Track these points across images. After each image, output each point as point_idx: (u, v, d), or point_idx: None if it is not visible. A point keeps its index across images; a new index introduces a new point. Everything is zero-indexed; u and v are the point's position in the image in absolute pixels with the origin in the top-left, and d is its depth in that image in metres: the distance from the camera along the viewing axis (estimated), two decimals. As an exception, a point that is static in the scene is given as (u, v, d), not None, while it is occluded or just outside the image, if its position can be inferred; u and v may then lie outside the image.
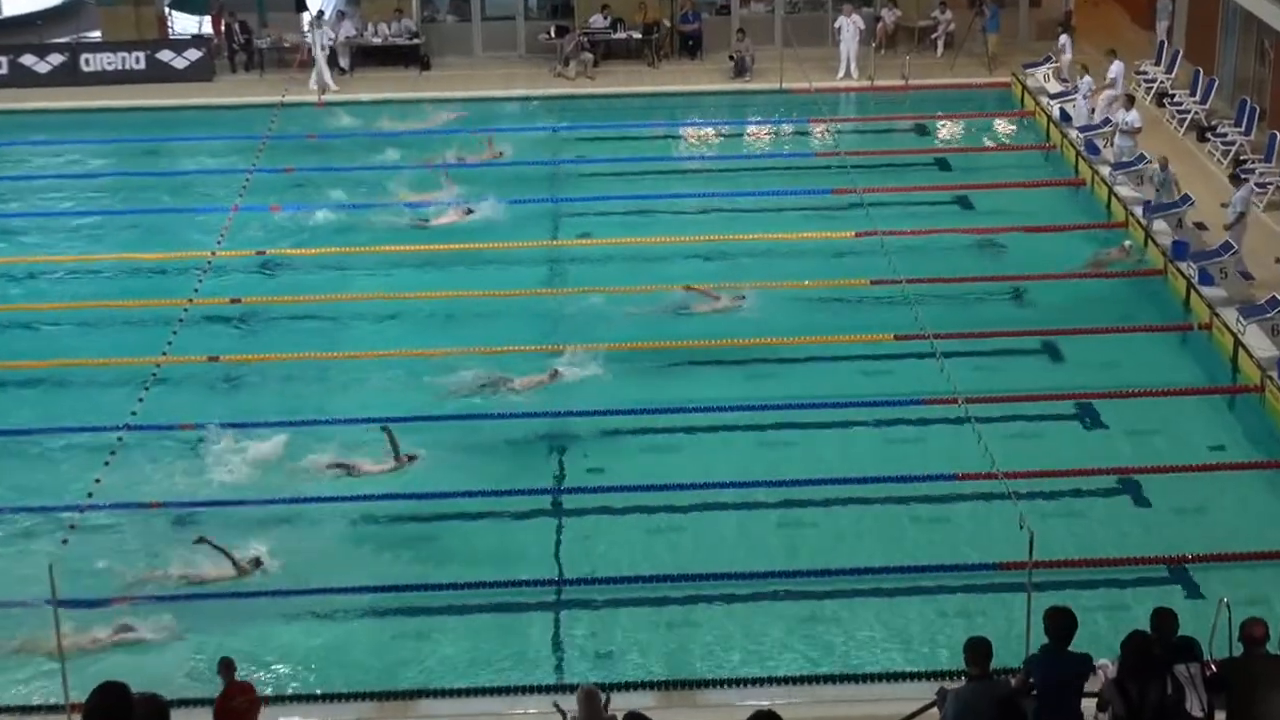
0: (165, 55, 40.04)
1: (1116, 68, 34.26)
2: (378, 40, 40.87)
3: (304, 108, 37.17)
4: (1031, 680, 13.94)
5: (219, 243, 27.62)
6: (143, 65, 39.91)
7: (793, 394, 23.63)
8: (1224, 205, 27.91)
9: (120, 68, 39.97)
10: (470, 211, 30.57)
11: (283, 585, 19.15)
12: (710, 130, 37.11)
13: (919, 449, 22.30)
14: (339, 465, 21.74)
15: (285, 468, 21.80)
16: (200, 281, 26.08)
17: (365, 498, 21.02)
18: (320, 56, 38.71)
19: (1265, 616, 14.43)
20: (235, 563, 19.20)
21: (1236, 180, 27.66)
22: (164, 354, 23.83)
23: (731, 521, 20.72)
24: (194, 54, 40.10)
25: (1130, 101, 31.65)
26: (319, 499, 20.95)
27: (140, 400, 22.11)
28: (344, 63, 40.34)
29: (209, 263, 26.88)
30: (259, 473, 21.68)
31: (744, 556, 19.77)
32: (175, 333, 24.26)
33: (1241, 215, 26.84)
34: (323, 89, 38.53)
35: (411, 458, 21.82)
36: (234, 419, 23.04)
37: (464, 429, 22.75)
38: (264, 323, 27.02)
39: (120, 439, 21.42)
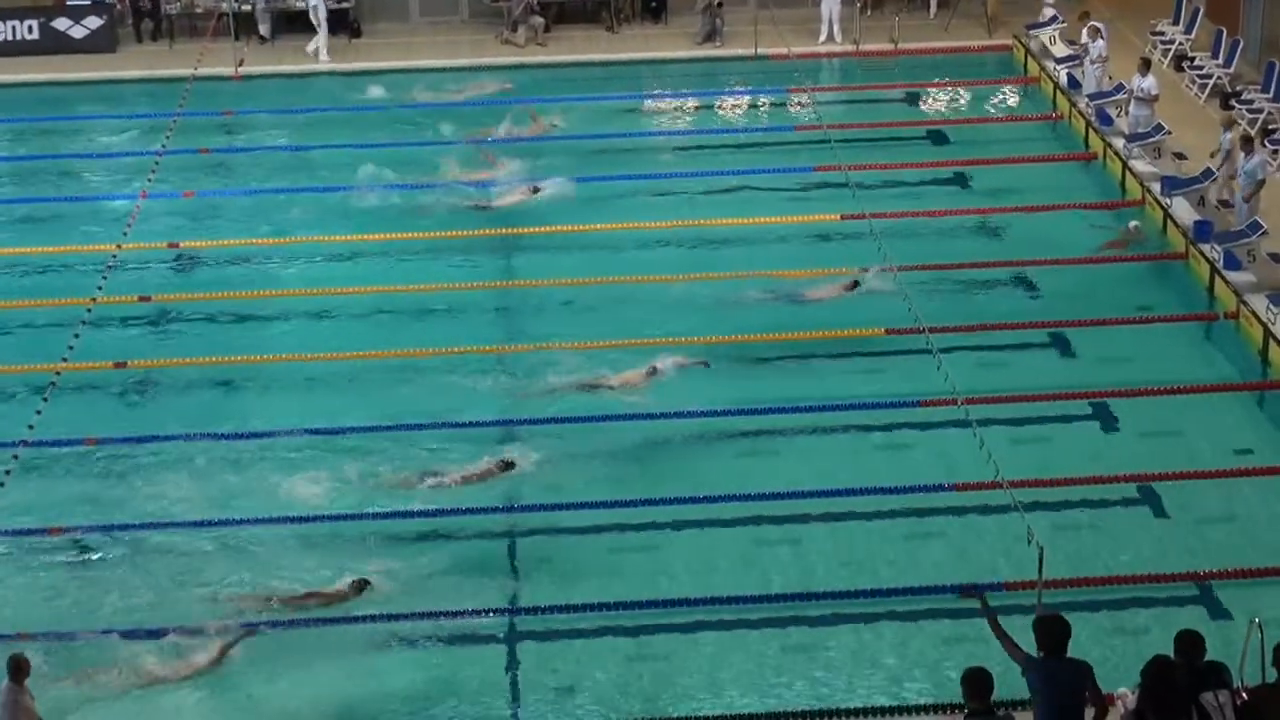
0: (61, 23, 39.86)
1: (1104, 29, 34.41)
2: (302, 4, 40.75)
3: (219, 81, 37.06)
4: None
5: (125, 234, 27.58)
6: (36, 35, 39.73)
7: (772, 397, 23.71)
8: (1231, 178, 28.12)
9: (10, 38, 39.76)
10: (537, 190, 30.71)
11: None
12: (677, 102, 37.08)
13: (915, 456, 22.41)
14: (431, 476, 21.77)
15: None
16: (105, 278, 26.04)
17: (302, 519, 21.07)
18: (321, 20, 38.70)
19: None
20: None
21: (1247, 143, 27.74)
22: (64, 360, 23.83)
23: (704, 541, 20.76)
24: (94, 21, 39.93)
25: (1146, 65, 31.80)
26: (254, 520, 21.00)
27: (38, 413, 22.09)
28: (264, 30, 40.25)
29: (114, 256, 26.85)
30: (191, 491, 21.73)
31: (719, 579, 19.83)
32: (77, 335, 24.25)
33: (1261, 184, 27.05)
34: (318, 53, 38.78)
35: (510, 465, 21.90)
36: (144, 432, 23.05)
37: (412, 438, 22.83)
38: (178, 323, 26.97)
39: (15, 456, 21.40)
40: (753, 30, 38.38)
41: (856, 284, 26.48)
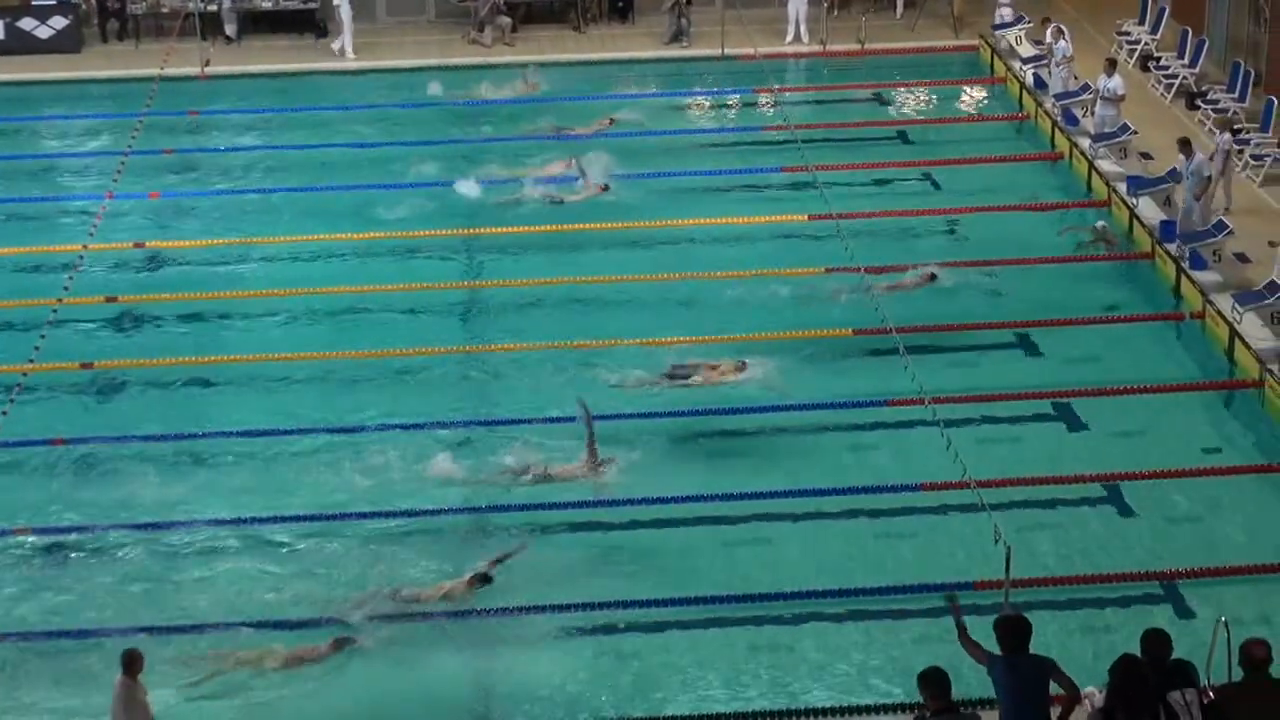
0: (27, 23, 39.71)
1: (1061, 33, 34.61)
2: (268, 4, 40.72)
3: (185, 82, 36.93)
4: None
5: (91, 234, 27.52)
6: (1, 35, 39.57)
7: (740, 398, 23.72)
8: (1222, 173, 28.26)
9: (-25, 38, 39.72)
10: (606, 188, 30.82)
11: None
12: (643, 103, 36.94)
13: (882, 456, 22.47)
14: (531, 472, 21.89)
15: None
16: (71, 278, 25.98)
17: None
18: (347, 16, 38.65)
19: (1267, 636, 14.63)
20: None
21: (1186, 147, 27.90)
22: (31, 361, 23.79)
23: (673, 540, 20.79)
24: (60, 21, 39.80)
25: (1111, 66, 31.92)
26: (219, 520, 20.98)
27: (4, 413, 22.03)
28: (230, 30, 40.16)
29: (80, 257, 26.78)
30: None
31: (688, 579, 19.83)
32: (44, 336, 24.19)
33: (1209, 180, 27.18)
34: (342, 51, 38.79)
35: (607, 461, 21.98)
36: (111, 432, 23.03)
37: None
38: (145, 324, 26.90)
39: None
40: (719, 30, 38.40)
41: (934, 276, 26.60)
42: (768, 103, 35.48)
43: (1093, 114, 32.41)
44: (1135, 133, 30.97)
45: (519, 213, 30.03)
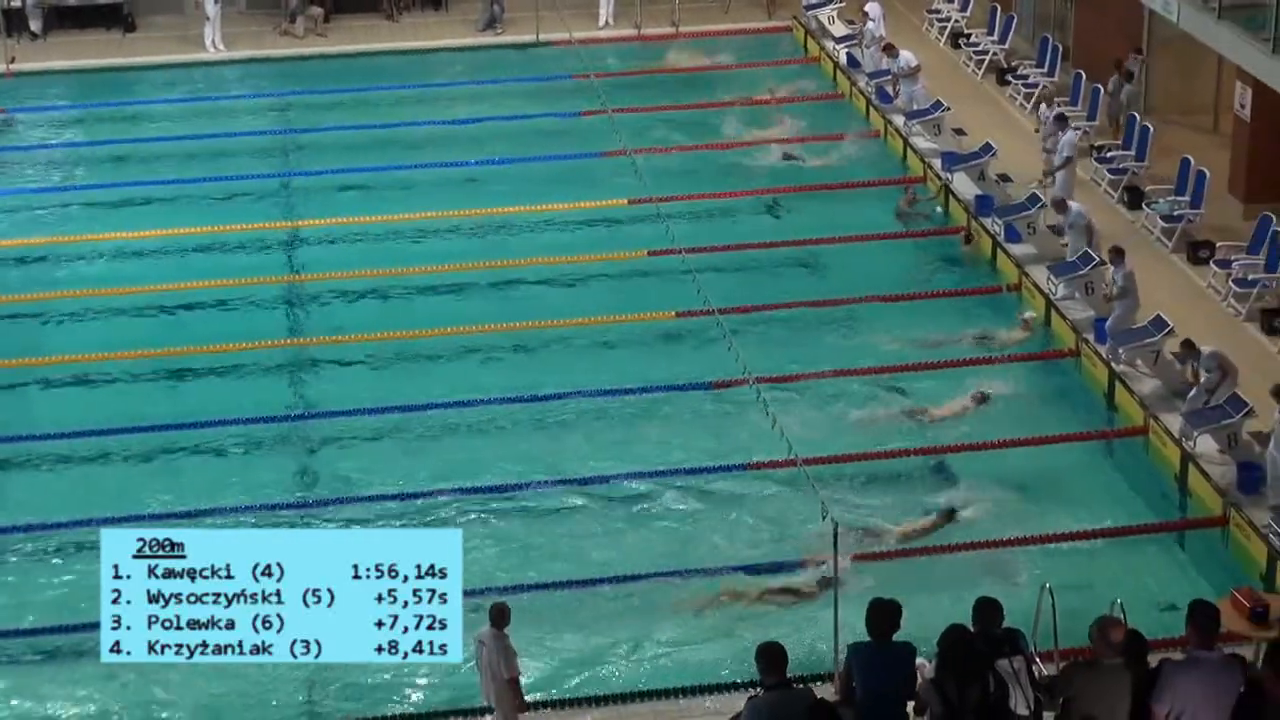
0: None
1: (874, 9, 34.95)
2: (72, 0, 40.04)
3: (-11, 80, 36.38)
4: (854, 685, 14.18)
5: (-102, 239, 27.03)
6: None
7: (565, 382, 23.77)
8: (1050, 152, 28.59)
9: None
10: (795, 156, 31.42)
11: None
12: (458, 90, 36.72)
13: (708, 438, 22.55)
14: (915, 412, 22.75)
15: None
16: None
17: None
18: (215, 11, 37.96)
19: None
20: None
21: (1060, 120, 28.43)
22: None
23: (496, 525, 20.87)
24: None
25: (891, 47, 32.40)
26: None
27: None
28: (35, 26, 39.41)
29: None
30: None
31: (532, 565, 19.94)
32: None
33: (1069, 160, 27.60)
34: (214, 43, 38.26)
35: (985, 397, 22.84)
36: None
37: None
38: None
39: None
40: (534, 16, 38.29)
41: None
42: (584, 88, 35.06)
43: (898, 95, 32.67)
44: (948, 109, 31.29)
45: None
